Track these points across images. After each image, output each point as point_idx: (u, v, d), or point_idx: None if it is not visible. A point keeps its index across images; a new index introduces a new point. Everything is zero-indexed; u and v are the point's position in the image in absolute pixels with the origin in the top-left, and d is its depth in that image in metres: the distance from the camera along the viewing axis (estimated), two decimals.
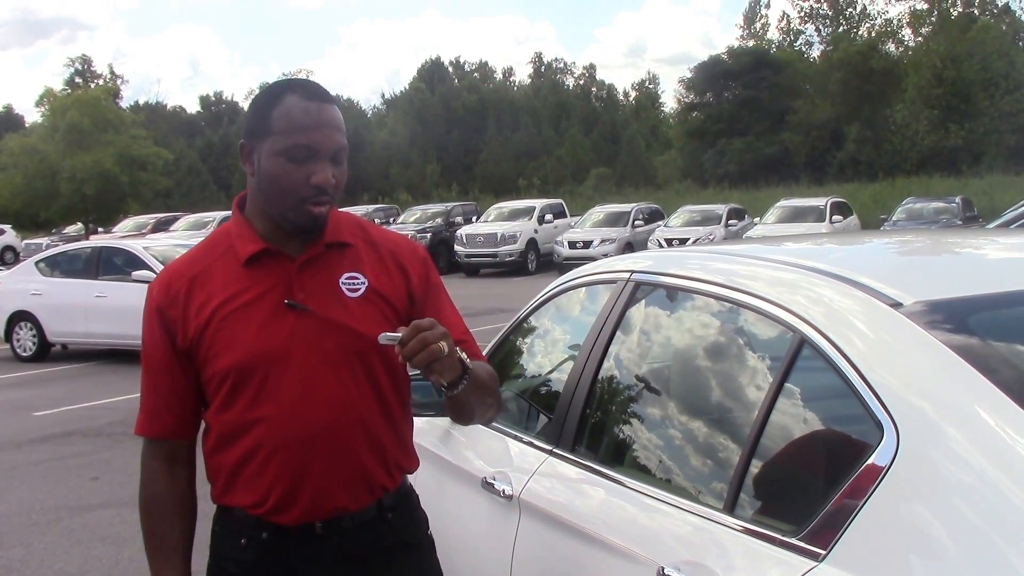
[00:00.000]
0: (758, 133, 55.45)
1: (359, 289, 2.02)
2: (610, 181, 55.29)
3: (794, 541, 1.71)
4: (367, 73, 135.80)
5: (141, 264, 13.81)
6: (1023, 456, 1.51)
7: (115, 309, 13.72)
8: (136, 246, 14.86)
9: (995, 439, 1.55)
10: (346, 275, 2.02)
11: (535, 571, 2.47)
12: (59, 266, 15.02)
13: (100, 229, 38.21)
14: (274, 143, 1.93)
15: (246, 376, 1.96)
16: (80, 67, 67.53)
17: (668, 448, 2.39)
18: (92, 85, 58.40)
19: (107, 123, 38.79)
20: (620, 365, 2.64)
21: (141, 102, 74.92)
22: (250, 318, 1.97)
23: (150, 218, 36.56)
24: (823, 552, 1.64)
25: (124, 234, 30.75)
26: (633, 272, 2.68)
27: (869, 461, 1.65)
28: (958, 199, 26.55)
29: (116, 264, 14.29)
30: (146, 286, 9.65)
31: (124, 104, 63.06)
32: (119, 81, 67.36)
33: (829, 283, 2.01)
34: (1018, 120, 48.68)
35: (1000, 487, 1.48)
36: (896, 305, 1.84)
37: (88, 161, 36.30)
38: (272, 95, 1.98)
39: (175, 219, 36.01)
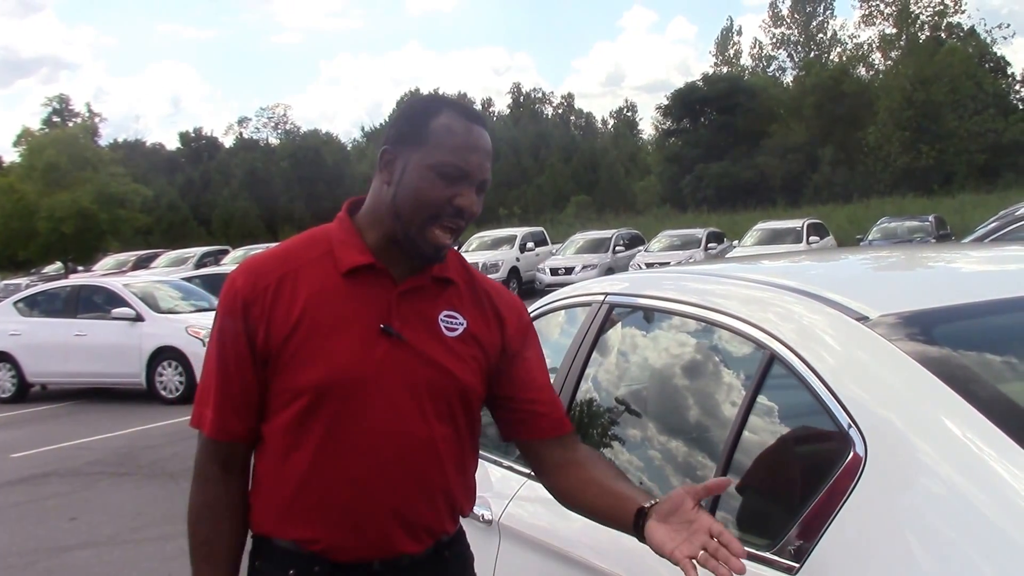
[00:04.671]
0: (735, 158, 55.88)
1: (457, 329, 1.92)
2: (590, 208, 55.50)
3: (769, 555, 1.73)
4: (348, 106, 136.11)
5: (121, 302, 13.76)
6: (990, 465, 1.52)
7: (95, 347, 13.66)
8: (115, 284, 14.80)
9: (962, 449, 1.55)
10: (445, 312, 1.93)
11: None
12: (38, 305, 14.92)
13: (80, 268, 38.05)
14: (427, 155, 1.83)
15: (327, 397, 1.82)
16: (58, 106, 67.37)
17: (645, 467, 2.39)
18: (70, 124, 58.32)
19: (85, 161, 38.75)
20: (596, 386, 2.65)
21: (120, 140, 74.86)
22: (341, 335, 1.84)
23: (130, 255, 36.40)
24: (797, 565, 1.66)
25: (104, 272, 30.64)
26: (608, 294, 2.70)
27: (838, 474, 1.66)
28: (931, 218, 26.79)
29: (95, 302, 14.22)
30: (126, 323, 9.59)
31: (103, 142, 63.06)
32: (97, 119, 67.25)
33: (799, 300, 2.02)
34: (986, 140, 49.27)
35: (968, 497, 1.49)
36: (863, 319, 1.86)
37: (66, 200, 36.21)
38: (431, 106, 1.89)
39: (156, 256, 35.87)
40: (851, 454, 1.66)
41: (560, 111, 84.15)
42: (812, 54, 65.40)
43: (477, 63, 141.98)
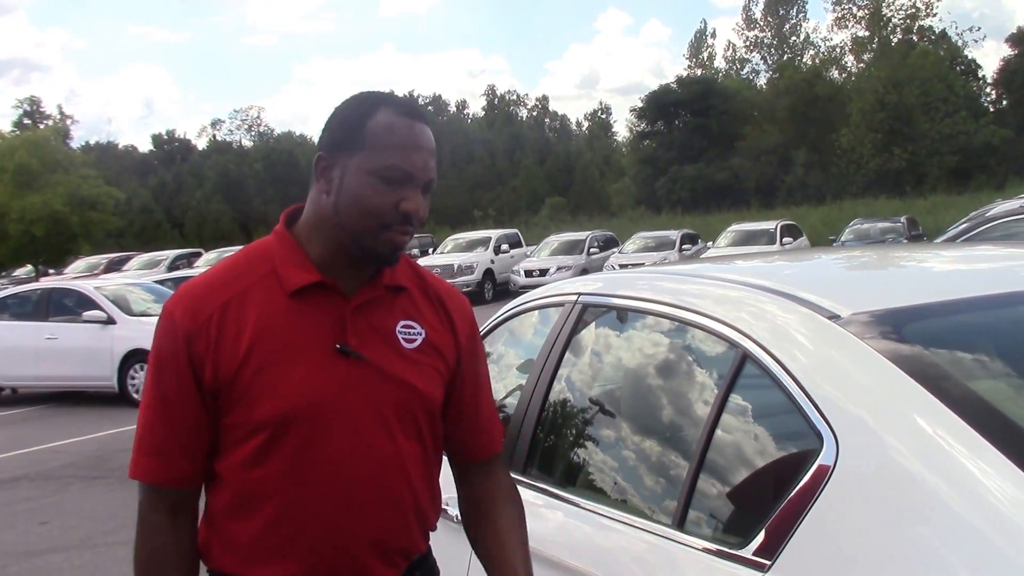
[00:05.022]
0: (709, 159, 56.11)
1: (416, 340, 1.82)
2: (565, 210, 55.58)
3: (741, 553, 1.73)
4: (321, 109, 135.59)
5: (92, 305, 13.63)
6: (960, 462, 1.52)
7: (66, 351, 13.53)
8: (87, 287, 14.67)
9: (932, 446, 1.56)
10: (402, 323, 1.82)
11: None
12: (8, 308, 14.75)
13: (51, 271, 37.70)
14: (366, 160, 1.71)
15: (288, 429, 1.70)
16: (29, 108, 66.82)
17: (618, 467, 2.40)
18: (41, 126, 57.78)
19: (56, 164, 38.32)
20: (569, 386, 2.65)
21: (92, 142, 74.37)
22: (296, 361, 1.71)
23: (102, 258, 36.12)
24: (768, 563, 1.66)
25: (75, 275, 30.37)
26: (581, 294, 2.70)
27: (810, 472, 1.67)
28: (903, 219, 26.98)
29: (67, 305, 14.08)
30: (98, 326, 9.47)
31: (75, 144, 62.59)
32: (69, 121, 66.63)
33: (772, 299, 2.03)
34: (958, 141, 49.71)
35: (939, 493, 1.50)
36: (834, 317, 1.86)
37: (37, 202, 35.82)
38: (365, 106, 1.75)
39: (128, 259, 35.61)
40: (822, 452, 1.66)
41: (535, 113, 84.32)
42: (785, 57, 65.75)
43: (451, 65, 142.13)
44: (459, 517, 2.45)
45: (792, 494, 1.68)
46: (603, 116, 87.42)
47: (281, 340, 1.72)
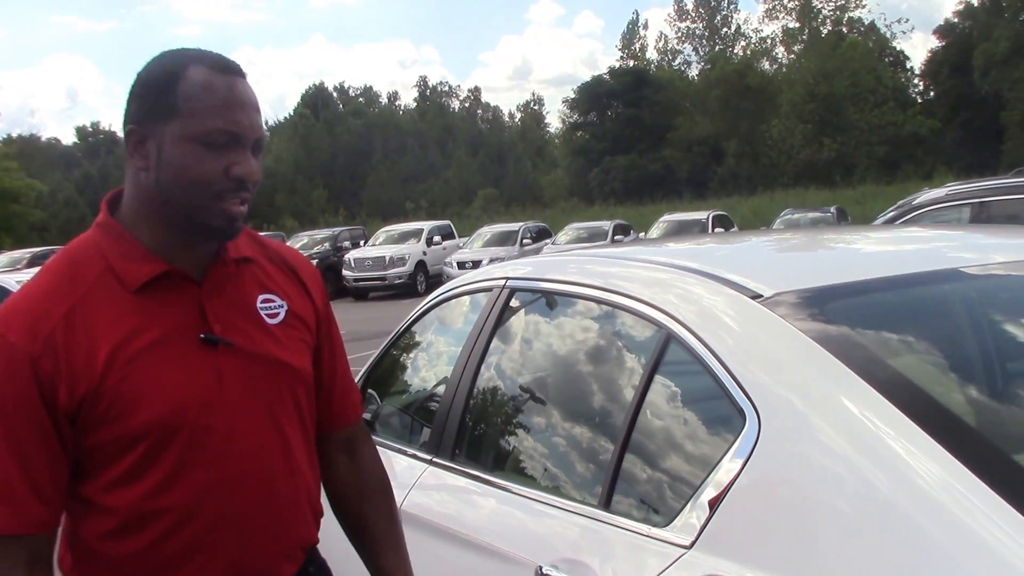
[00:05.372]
0: (641, 150, 56.45)
1: (279, 313, 1.69)
2: (498, 201, 55.53)
3: (664, 532, 1.74)
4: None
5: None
6: (880, 438, 1.52)
7: None
8: (8, 281, 14.12)
9: (853, 423, 1.56)
10: (261, 298, 1.69)
11: None
12: None
13: None
14: (185, 126, 1.54)
15: (167, 435, 1.54)
16: None
17: (545, 450, 2.39)
18: None
19: None
20: (496, 371, 2.64)
21: (15, 135, 72.47)
22: (162, 362, 1.55)
23: (25, 252, 35.07)
24: (692, 539, 1.67)
25: None
26: (508, 279, 2.69)
27: (732, 449, 1.68)
28: (833, 209, 27.36)
29: None
30: None
31: None
32: None
33: (698, 280, 2.03)
34: (886, 132, 50.62)
35: (861, 469, 1.50)
36: (756, 297, 1.87)
37: None
38: (174, 66, 1.57)
39: (51, 252, 34.56)
40: (744, 430, 1.67)
41: (467, 105, 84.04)
42: (717, 48, 66.38)
43: (382, 56, 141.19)
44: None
45: (715, 474, 1.69)
46: (536, 107, 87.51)
47: (140, 342, 1.55)
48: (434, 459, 2.60)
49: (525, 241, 28.33)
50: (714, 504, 1.66)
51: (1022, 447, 1.61)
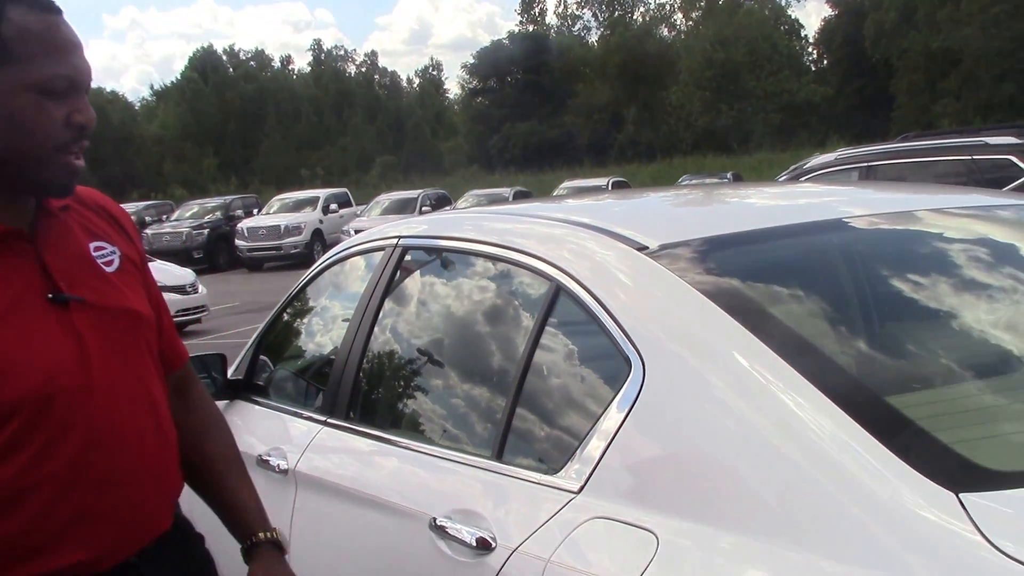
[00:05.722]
0: (542, 117, 56.44)
1: (113, 260, 1.65)
2: (396, 169, 55.03)
3: (554, 479, 1.79)
4: (135, 63, 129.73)
5: None
6: (761, 384, 1.56)
7: None
8: None
9: (737, 369, 1.60)
10: (93, 246, 1.63)
11: (313, 541, 2.47)
12: None
13: None
14: (18, 74, 1.45)
15: (44, 405, 1.49)
16: None
17: (439, 406, 2.44)
18: None
19: None
20: (390, 331, 2.65)
21: None
22: (19, 331, 1.49)
23: None
24: (580, 485, 1.72)
25: None
26: (401, 237, 2.70)
27: (618, 397, 1.73)
28: (730, 175, 27.99)
29: None
30: None
31: None
32: None
33: (589, 234, 2.07)
34: (781, 100, 51.52)
35: (736, 410, 1.55)
36: (642, 249, 1.92)
37: None
38: None
39: None
40: (629, 378, 1.72)
41: (364, 70, 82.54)
42: (616, 14, 66.46)
43: (275, 18, 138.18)
44: (281, 467, 2.62)
45: (602, 422, 1.74)
46: (434, 73, 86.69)
47: None
48: (328, 420, 2.61)
49: (424, 209, 27.88)
50: (601, 451, 1.72)
51: (898, 389, 1.65)
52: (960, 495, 1.28)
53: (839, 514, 1.35)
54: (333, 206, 28.23)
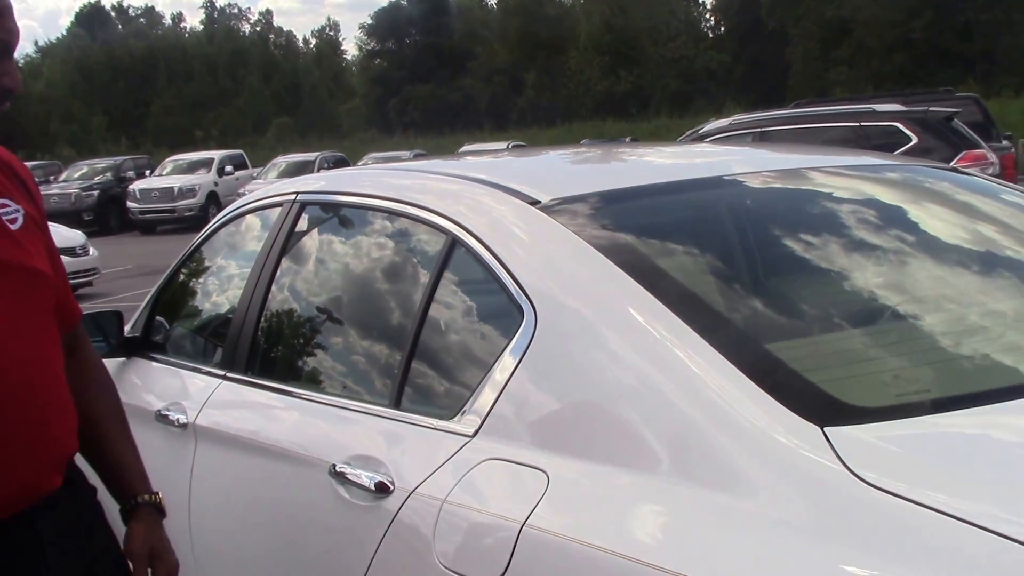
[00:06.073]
0: (441, 80, 56.01)
1: (17, 219, 1.64)
2: (293, 131, 54.10)
3: (450, 423, 1.86)
4: (17, 18, 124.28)
5: None
6: (645, 329, 1.63)
7: None
8: None
9: (621, 316, 1.68)
10: None
11: (213, 495, 2.51)
12: None
13: None
14: None
15: None
16: None
17: (337, 358, 2.48)
18: None
19: None
20: (289, 285, 2.67)
21: None
22: None
23: None
24: (475, 429, 1.79)
25: None
26: (299, 193, 2.70)
27: (510, 345, 1.80)
28: (628, 139, 28.18)
29: None
30: None
31: None
32: None
33: (484, 189, 2.14)
34: (680, 66, 51.97)
35: (621, 355, 1.63)
36: (535, 203, 1.99)
37: None
38: None
39: None
40: (521, 327, 1.79)
41: (258, 29, 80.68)
42: None
43: None
44: (180, 421, 2.63)
45: (495, 364, 1.82)
46: (331, 33, 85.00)
47: None
48: (228, 375, 2.62)
49: (322, 171, 27.44)
50: (494, 396, 1.78)
51: (776, 337, 1.73)
52: (825, 428, 1.37)
53: (716, 449, 1.44)
54: (228, 168, 27.67)
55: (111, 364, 2.96)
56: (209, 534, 2.54)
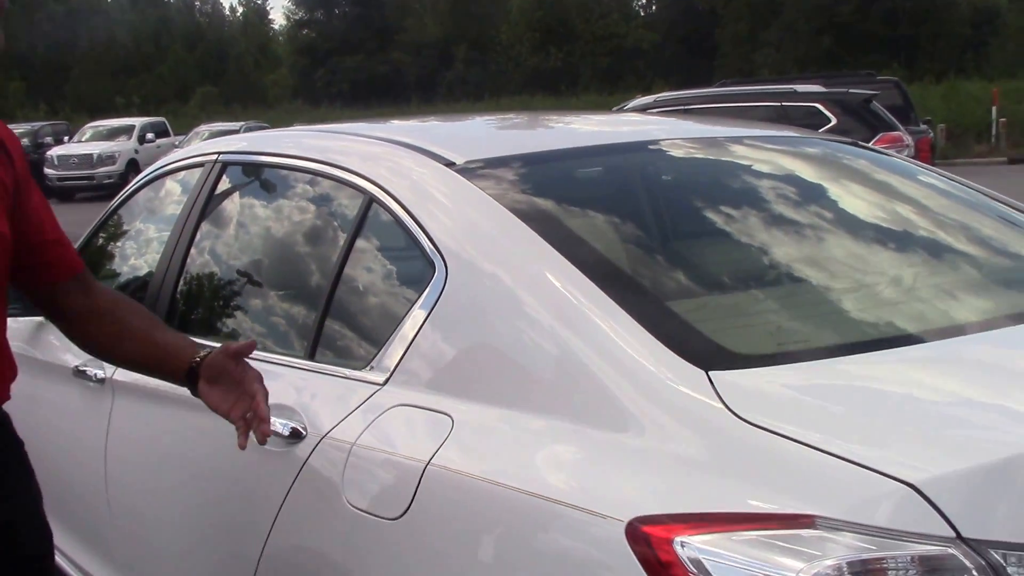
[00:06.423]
0: (370, 52, 55.43)
1: None
2: (217, 100, 53.08)
3: (361, 373, 1.95)
4: None
5: None
6: (548, 283, 1.72)
7: None
8: None
9: (526, 271, 1.77)
10: None
11: (129, 447, 2.56)
12: None
13: None
14: None
15: None
16: None
17: (256, 313, 2.54)
18: None
19: None
20: (209, 243, 2.70)
21: None
22: None
23: None
24: (385, 378, 1.88)
25: None
26: (221, 153, 2.73)
27: (421, 298, 1.88)
28: None
29: None
30: None
31: None
32: None
33: (404, 151, 2.20)
34: (610, 43, 52.09)
35: (526, 307, 1.71)
36: (450, 164, 2.08)
37: None
38: None
39: None
40: (432, 282, 1.87)
41: None
42: None
43: None
44: (98, 376, 2.66)
45: (406, 321, 1.90)
46: (259, 2, 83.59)
47: None
48: None
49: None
50: (404, 347, 1.86)
51: (676, 295, 1.84)
52: (709, 372, 1.49)
53: (611, 392, 1.54)
54: (150, 135, 27.24)
55: (28, 324, 3.03)
56: (125, 485, 2.58)
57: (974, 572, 1.20)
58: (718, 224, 2.17)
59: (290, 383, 2.13)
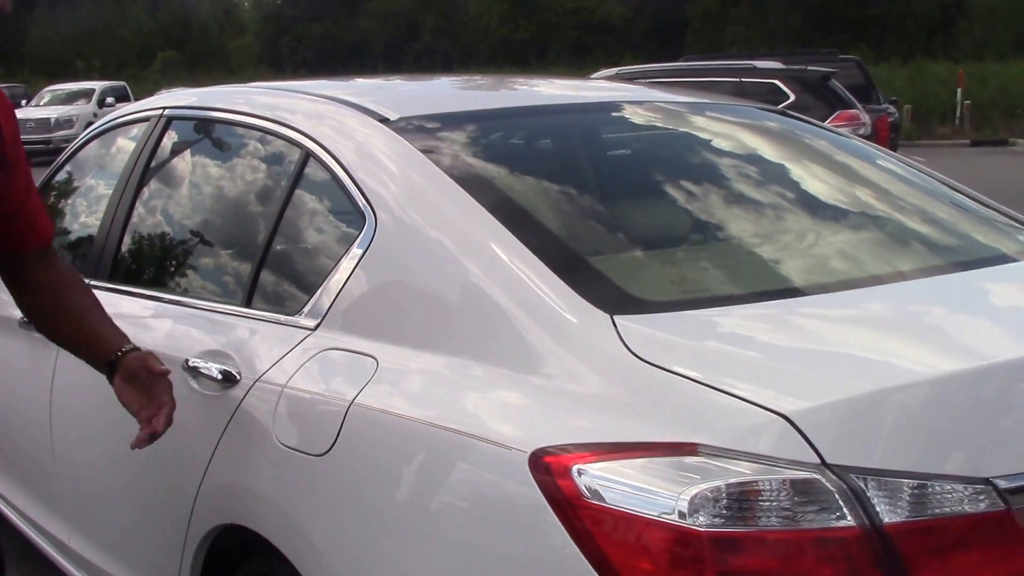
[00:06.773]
0: (336, 19, 54.89)
1: None
2: (180, 65, 52.42)
3: (294, 319, 2.03)
4: None
5: None
6: (472, 236, 1.82)
7: None
8: None
9: (451, 223, 1.86)
10: None
11: (73, 397, 2.62)
12: None
13: None
14: None
15: None
16: None
17: (196, 265, 2.62)
18: None
19: None
20: (153, 197, 2.76)
21: None
22: None
23: None
24: (316, 323, 1.96)
25: None
26: (166, 108, 2.79)
27: (352, 248, 1.97)
28: None
29: None
30: None
31: None
32: None
33: (343, 108, 2.28)
34: (580, 17, 51.93)
35: (450, 257, 1.80)
36: (384, 120, 2.17)
37: None
38: None
39: None
40: (362, 231, 1.96)
41: None
42: None
43: None
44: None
45: (337, 269, 1.98)
46: None
47: None
48: (91, 283, 2.62)
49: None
50: (334, 294, 1.95)
51: (594, 250, 1.94)
52: (614, 316, 1.60)
53: (522, 333, 1.64)
54: (110, 100, 26.70)
55: None
56: (69, 434, 2.64)
57: (836, 495, 1.30)
58: (647, 183, 2.28)
59: (226, 329, 2.20)
